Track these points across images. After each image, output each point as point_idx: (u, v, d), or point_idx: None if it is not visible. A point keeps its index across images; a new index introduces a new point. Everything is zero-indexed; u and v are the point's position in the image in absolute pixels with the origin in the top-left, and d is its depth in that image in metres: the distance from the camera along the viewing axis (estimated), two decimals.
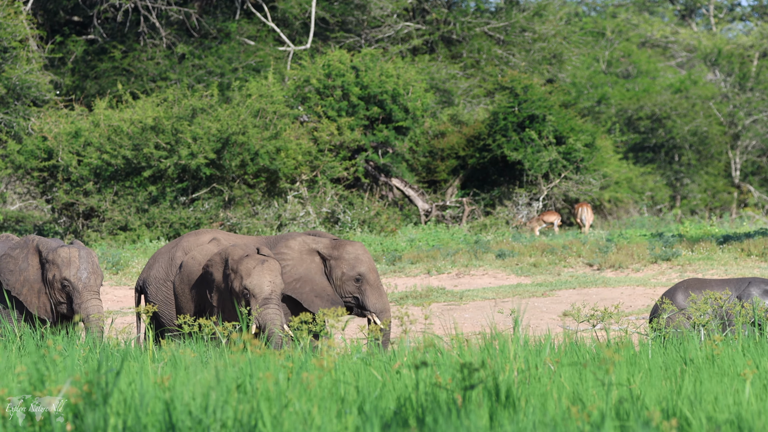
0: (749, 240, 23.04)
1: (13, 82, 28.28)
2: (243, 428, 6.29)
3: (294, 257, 12.86)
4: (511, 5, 36.66)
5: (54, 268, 12.33)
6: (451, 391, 6.80)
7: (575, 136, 31.68)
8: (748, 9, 53.36)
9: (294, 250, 12.89)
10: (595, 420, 6.43)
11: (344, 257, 12.83)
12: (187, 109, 28.18)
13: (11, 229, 28.14)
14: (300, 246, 12.92)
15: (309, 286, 12.80)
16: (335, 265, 12.86)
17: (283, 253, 12.84)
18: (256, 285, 12.05)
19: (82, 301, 12.22)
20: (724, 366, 8.62)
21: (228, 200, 28.41)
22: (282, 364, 7.01)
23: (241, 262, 12.18)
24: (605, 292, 19.81)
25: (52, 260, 12.35)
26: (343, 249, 12.88)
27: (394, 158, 30.98)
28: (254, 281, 12.07)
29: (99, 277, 12.39)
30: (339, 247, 12.91)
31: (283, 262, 12.76)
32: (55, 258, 12.35)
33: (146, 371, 7.81)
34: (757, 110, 42.85)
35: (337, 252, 12.88)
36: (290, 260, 12.82)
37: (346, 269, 12.81)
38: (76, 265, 12.32)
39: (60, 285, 12.30)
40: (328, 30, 35.39)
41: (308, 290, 12.78)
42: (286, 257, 12.82)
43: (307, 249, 12.94)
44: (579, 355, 9.25)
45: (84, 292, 12.23)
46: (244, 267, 12.13)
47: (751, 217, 36.51)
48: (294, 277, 12.78)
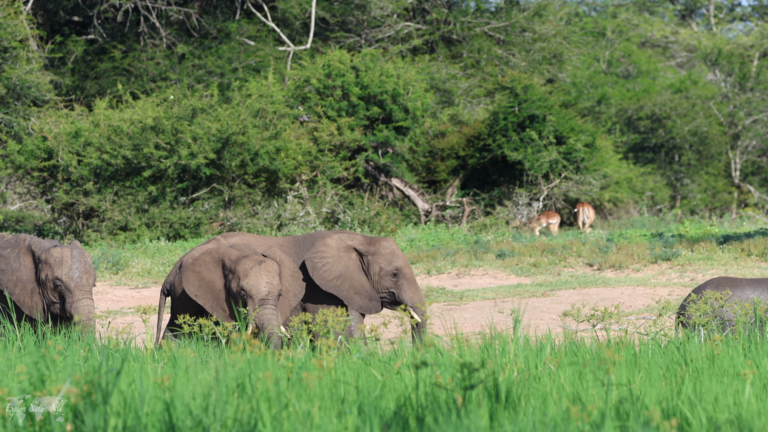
0: (749, 240, 23.04)
1: (13, 82, 28.28)
2: (243, 428, 6.29)
3: (332, 255, 12.90)
4: (511, 5, 36.66)
5: (47, 267, 12.31)
6: (451, 391, 6.80)
7: (575, 136, 31.68)
8: (748, 9, 53.36)
9: (332, 247, 12.93)
10: (595, 420, 6.43)
11: (381, 252, 12.92)
12: (187, 109, 28.18)
13: (11, 229, 28.15)
14: (337, 243, 12.98)
15: (348, 283, 12.86)
16: (373, 260, 12.94)
17: (321, 251, 12.88)
18: (253, 286, 12.06)
19: (73, 300, 12.20)
20: (724, 366, 8.62)
21: (228, 200, 28.42)
22: (282, 364, 7.01)
23: (238, 263, 12.19)
24: (605, 292, 19.81)
25: (44, 260, 12.32)
26: (379, 245, 12.98)
27: (394, 158, 30.98)
28: (251, 282, 12.07)
29: (91, 276, 12.34)
30: (375, 243, 13.01)
31: (322, 260, 12.80)
32: (48, 258, 12.32)
33: (146, 371, 7.80)
34: (757, 110, 42.85)
35: (373, 248, 12.97)
36: (329, 258, 12.86)
37: (384, 264, 12.88)
38: (69, 264, 12.29)
39: (52, 285, 12.27)
40: (328, 30, 35.40)
41: (348, 287, 12.84)
42: (324, 255, 12.86)
43: (344, 246, 13.00)
44: (579, 355, 9.25)
45: (76, 291, 12.20)
46: (242, 268, 12.14)
47: (751, 217, 36.51)
48: (334, 275, 12.84)
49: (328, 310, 12.37)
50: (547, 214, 29.94)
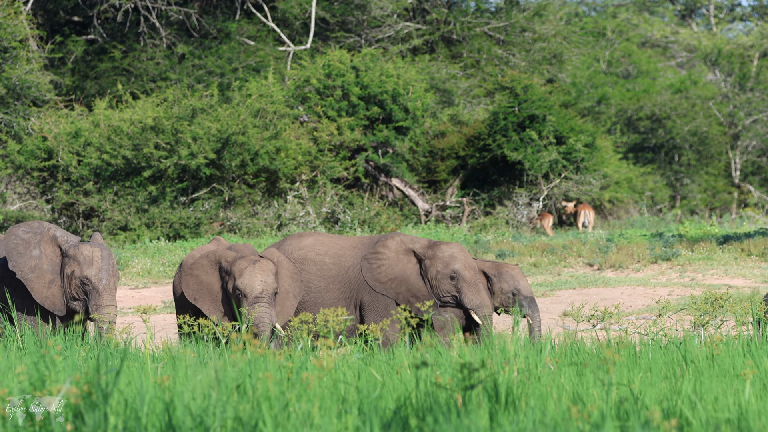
0: (749, 240, 23.04)
1: (13, 82, 28.28)
2: (243, 428, 6.29)
3: (390, 257, 12.85)
4: (511, 5, 36.65)
5: (74, 264, 12.28)
6: (451, 391, 6.80)
7: (575, 136, 31.68)
8: (748, 9, 53.36)
9: (391, 249, 12.89)
10: (595, 420, 6.43)
11: (438, 256, 12.83)
12: (187, 109, 28.18)
13: None
14: (397, 246, 12.93)
15: (405, 286, 12.80)
16: (430, 264, 12.86)
17: (379, 253, 12.84)
18: (247, 285, 12.08)
19: (100, 304, 12.18)
20: (725, 366, 8.62)
21: (228, 200, 28.41)
22: (282, 364, 7.01)
23: (234, 264, 12.21)
24: (605, 292, 19.81)
25: (73, 256, 12.28)
26: (437, 248, 12.89)
27: (394, 158, 30.98)
28: (245, 281, 12.09)
29: (117, 278, 12.39)
30: (434, 247, 12.93)
31: (379, 262, 12.76)
32: (77, 255, 12.28)
33: (146, 371, 7.80)
34: (757, 110, 42.85)
35: (431, 251, 12.89)
36: (386, 260, 12.82)
37: (441, 267, 12.80)
38: (98, 265, 12.27)
39: (79, 282, 12.26)
40: (328, 30, 35.39)
41: (404, 290, 12.78)
42: (382, 257, 12.82)
43: (404, 249, 12.94)
44: (579, 355, 9.25)
45: (103, 294, 12.20)
46: (237, 268, 12.16)
47: (751, 217, 36.51)
48: (389, 277, 12.79)
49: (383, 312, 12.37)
50: (547, 215, 30.09)
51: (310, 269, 12.93)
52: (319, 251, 12.99)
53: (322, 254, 12.99)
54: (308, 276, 12.90)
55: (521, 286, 13.21)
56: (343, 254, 12.95)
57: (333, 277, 12.91)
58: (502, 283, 13.19)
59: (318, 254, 12.97)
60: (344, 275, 12.90)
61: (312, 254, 12.97)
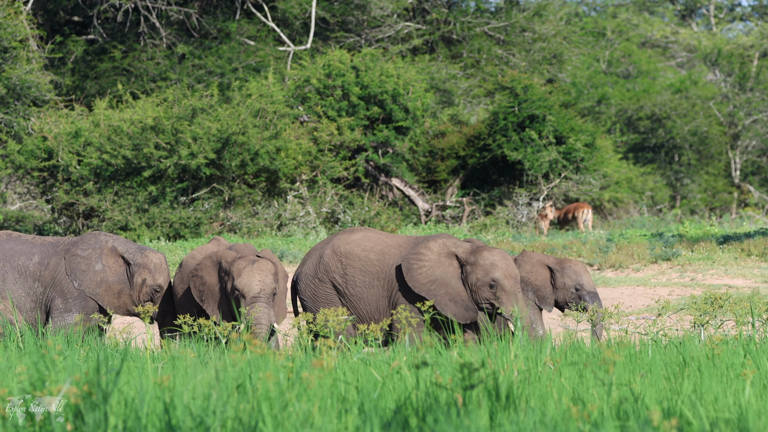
0: (749, 240, 23.04)
1: (13, 82, 28.28)
2: (243, 428, 6.29)
3: (432, 259, 12.77)
4: (511, 5, 36.66)
5: (145, 272, 12.42)
6: (451, 391, 6.80)
7: (575, 136, 31.69)
8: (748, 9, 53.36)
9: (433, 251, 12.80)
10: (595, 420, 6.43)
11: (479, 263, 12.70)
12: (187, 109, 28.18)
13: (11, 229, 28.15)
14: (440, 248, 12.84)
15: (444, 289, 12.71)
16: (471, 270, 12.74)
17: (421, 254, 12.77)
18: (245, 285, 12.08)
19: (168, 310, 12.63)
20: (725, 366, 8.62)
21: (228, 200, 28.42)
22: (282, 364, 7.01)
23: (233, 264, 12.23)
24: (605, 292, 19.81)
25: (142, 264, 12.41)
26: (479, 254, 12.75)
27: (394, 158, 30.98)
28: (244, 281, 12.10)
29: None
30: (476, 253, 12.79)
31: (420, 263, 12.69)
32: (147, 263, 12.48)
33: (146, 371, 7.81)
34: (757, 110, 42.86)
35: (473, 257, 12.76)
36: (427, 261, 12.74)
37: (481, 275, 12.67)
38: (167, 272, 12.63)
39: (151, 290, 12.37)
40: (328, 30, 35.40)
41: (443, 293, 12.69)
42: (423, 258, 12.76)
43: (446, 252, 12.84)
44: (579, 355, 9.25)
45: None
46: (236, 268, 12.18)
47: (751, 217, 36.51)
48: (429, 279, 12.70)
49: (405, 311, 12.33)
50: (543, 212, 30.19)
51: (354, 264, 12.89)
52: (365, 247, 12.95)
53: (368, 250, 12.94)
54: (352, 271, 12.86)
55: (584, 281, 13.17)
56: (388, 251, 12.90)
57: (376, 274, 12.86)
58: (565, 278, 13.15)
59: (363, 250, 12.93)
60: (387, 272, 12.85)
61: (357, 249, 12.94)
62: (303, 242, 26.27)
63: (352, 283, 12.83)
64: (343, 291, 12.81)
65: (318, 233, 27.92)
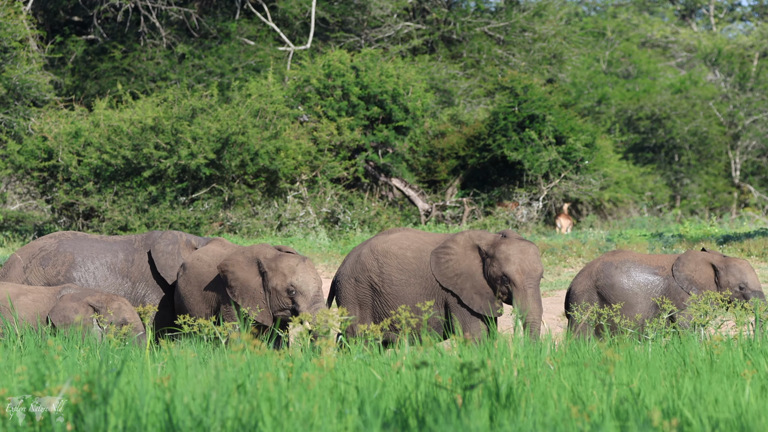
0: (749, 240, 23.04)
1: (13, 82, 28.28)
2: (243, 428, 6.29)
3: (458, 252, 12.77)
4: (511, 5, 36.66)
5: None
6: (451, 391, 6.80)
7: (575, 136, 31.69)
8: (748, 9, 53.36)
9: (459, 245, 12.80)
10: (595, 420, 6.43)
11: (496, 256, 12.68)
12: (186, 109, 28.18)
13: (11, 229, 28.14)
14: (465, 241, 12.84)
15: (470, 283, 12.71)
16: (489, 263, 12.75)
17: (448, 248, 12.78)
18: (303, 282, 12.13)
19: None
20: (724, 366, 8.62)
21: (228, 200, 28.42)
22: (282, 364, 7.02)
23: (280, 261, 12.22)
24: None
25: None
26: (498, 247, 12.71)
27: (394, 158, 30.98)
28: (301, 278, 12.14)
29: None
30: (496, 245, 12.76)
31: (447, 257, 12.71)
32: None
33: (146, 371, 7.81)
34: (757, 110, 42.85)
35: (492, 250, 12.75)
36: (454, 255, 12.74)
37: (496, 268, 12.67)
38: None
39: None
40: (328, 30, 35.39)
41: (469, 286, 12.69)
42: (450, 252, 12.76)
43: (471, 245, 12.84)
44: (579, 355, 9.25)
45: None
46: (286, 265, 12.18)
47: (751, 217, 36.51)
48: (456, 272, 12.70)
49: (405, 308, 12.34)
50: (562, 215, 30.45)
51: (391, 262, 12.89)
52: (402, 245, 12.95)
53: (404, 248, 12.94)
54: (389, 269, 12.86)
55: (748, 280, 13.05)
56: (425, 249, 12.90)
57: (413, 272, 12.86)
58: (729, 277, 13.04)
59: (400, 248, 12.94)
60: (425, 270, 12.84)
61: (394, 248, 12.95)
62: (303, 242, 26.27)
63: (389, 281, 12.83)
64: (380, 290, 12.80)
65: (318, 233, 27.92)
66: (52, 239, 13.12)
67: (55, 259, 12.95)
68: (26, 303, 12.04)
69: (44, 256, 12.97)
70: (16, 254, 13.10)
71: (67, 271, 12.88)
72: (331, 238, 28.06)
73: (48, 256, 12.97)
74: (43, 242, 13.11)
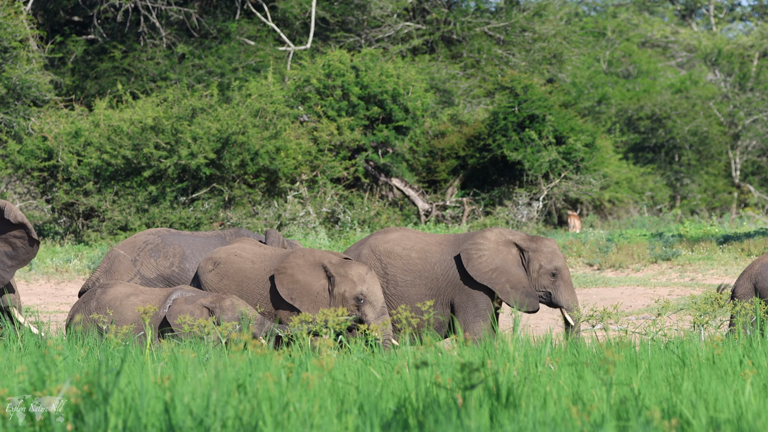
0: (749, 240, 23.04)
1: (13, 82, 28.28)
2: (243, 428, 6.29)
3: (490, 248, 12.82)
4: (511, 5, 36.65)
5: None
6: (451, 391, 6.80)
7: (575, 136, 31.69)
8: (748, 9, 53.36)
9: (490, 240, 12.87)
10: (595, 420, 6.43)
11: (543, 250, 12.84)
12: (186, 109, 28.18)
13: None
14: (497, 237, 12.93)
15: (505, 277, 12.77)
16: (533, 257, 12.85)
17: (478, 243, 12.82)
18: (371, 292, 12.19)
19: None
20: (724, 366, 8.62)
21: (228, 200, 28.42)
22: (282, 364, 7.01)
23: (349, 267, 12.23)
24: (605, 292, 19.81)
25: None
26: (541, 242, 12.90)
27: (394, 158, 30.98)
28: (370, 287, 12.21)
29: None
30: (537, 241, 12.94)
31: (480, 252, 12.74)
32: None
33: (146, 371, 7.81)
34: (757, 110, 42.85)
35: (535, 245, 12.90)
36: (486, 251, 12.79)
37: (544, 262, 12.80)
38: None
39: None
40: (328, 30, 35.39)
41: (504, 281, 12.75)
42: (481, 248, 12.79)
43: (503, 240, 12.93)
44: (579, 355, 9.25)
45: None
46: (356, 273, 12.20)
47: (751, 217, 36.51)
48: (490, 267, 12.75)
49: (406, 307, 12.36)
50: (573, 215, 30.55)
51: (396, 263, 12.89)
52: (405, 245, 12.94)
53: (408, 249, 12.94)
54: (393, 270, 12.86)
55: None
56: (429, 250, 12.91)
57: (419, 273, 12.86)
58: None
59: (404, 248, 12.93)
60: (430, 271, 12.85)
61: (398, 248, 12.94)
62: (303, 242, 26.26)
63: (393, 282, 12.83)
64: (384, 291, 12.80)
65: (318, 233, 27.92)
66: (151, 235, 13.16)
67: (165, 251, 12.97)
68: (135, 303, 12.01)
69: (153, 249, 12.98)
70: (118, 249, 13.06)
71: (180, 263, 12.92)
72: (331, 238, 28.07)
73: (157, 248, 12.98)
74: (145, 237, 13.12)
